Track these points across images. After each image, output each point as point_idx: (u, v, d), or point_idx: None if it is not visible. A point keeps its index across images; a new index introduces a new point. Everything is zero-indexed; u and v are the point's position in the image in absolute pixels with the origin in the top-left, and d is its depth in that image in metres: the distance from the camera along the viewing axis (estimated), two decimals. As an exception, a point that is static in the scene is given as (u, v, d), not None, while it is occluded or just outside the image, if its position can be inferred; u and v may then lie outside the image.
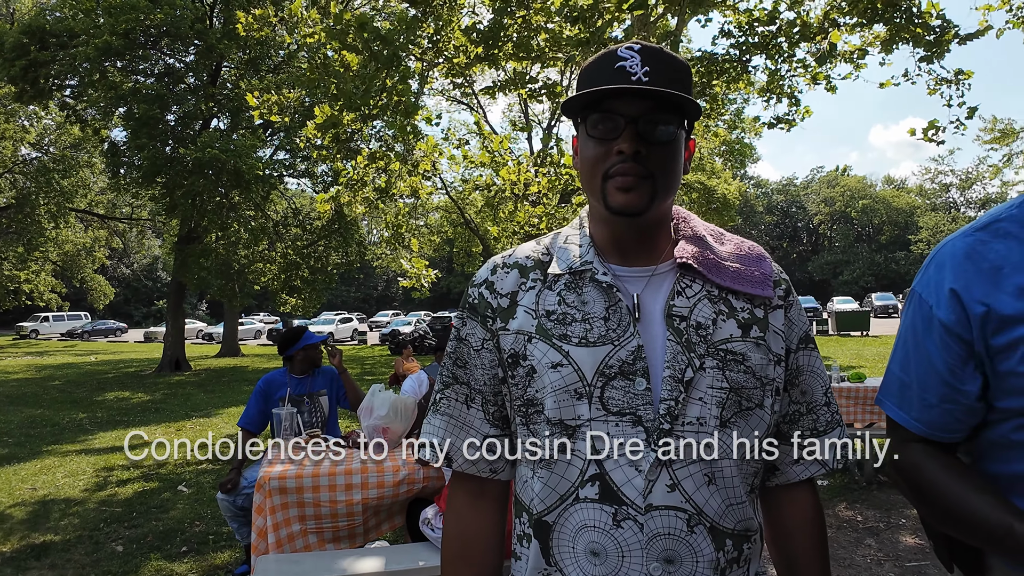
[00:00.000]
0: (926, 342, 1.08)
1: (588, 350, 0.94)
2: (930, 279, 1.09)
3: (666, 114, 0.94)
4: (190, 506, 5.20)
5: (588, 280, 1.00)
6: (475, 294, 1.07)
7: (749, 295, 1.01)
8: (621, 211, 0.95)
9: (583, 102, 0.97)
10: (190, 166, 14.62)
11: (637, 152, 0.93)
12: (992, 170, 19.06)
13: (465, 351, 1.06)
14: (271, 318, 42.91)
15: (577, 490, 0.94)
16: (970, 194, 58.90)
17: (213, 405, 11.09)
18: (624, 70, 0.93)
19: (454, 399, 1.06)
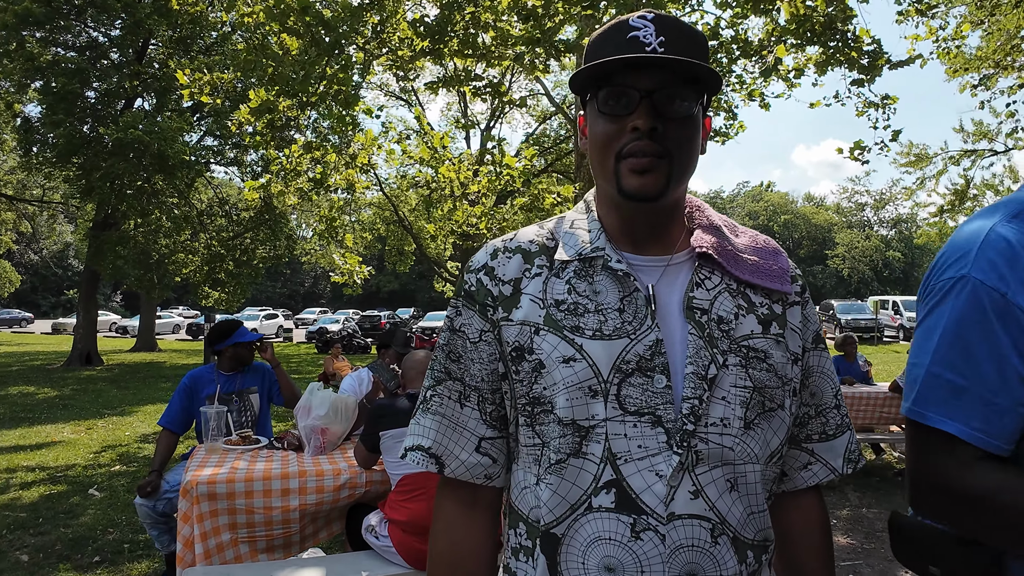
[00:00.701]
0: (997, 333, 0.93)
1: (603, 344, 0.85)
2: (990, 264, 0.95)
3: (684, 87, 0.86)
4: (102, 511, 4.79)
5: (600, 268, 0.91)
6: (472, 280, 0.96)
7: (767, 290, 0.95)
8: (635, 195, 0.87)
9: (592, 75, 0.88)
10: (110, 147, 13.73)
11: (653, 128, 0.85)
12: (905, 192, 20.17)
13: (459, 343, 0.95)
14: (191, 312, 41.05)
15: (590, 498, 0.84)
16: (883, 214, 62.40)
17: (128, 402, 10.43)
18: (637, 40, 0.86)
19: (447, 397, 0.95)
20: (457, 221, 11.78)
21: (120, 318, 36.79)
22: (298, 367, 17.00)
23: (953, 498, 0.95)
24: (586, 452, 0.84)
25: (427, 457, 0.94)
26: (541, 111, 25.58)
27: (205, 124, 18.73)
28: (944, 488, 0.96)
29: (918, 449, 1.01)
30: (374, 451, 2.90)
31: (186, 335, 31.55)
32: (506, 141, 14.34)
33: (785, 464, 1.00)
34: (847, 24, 7.74)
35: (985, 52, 10.62)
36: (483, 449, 0.95)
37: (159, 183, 14.97)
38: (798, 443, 1.00)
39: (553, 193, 11.44)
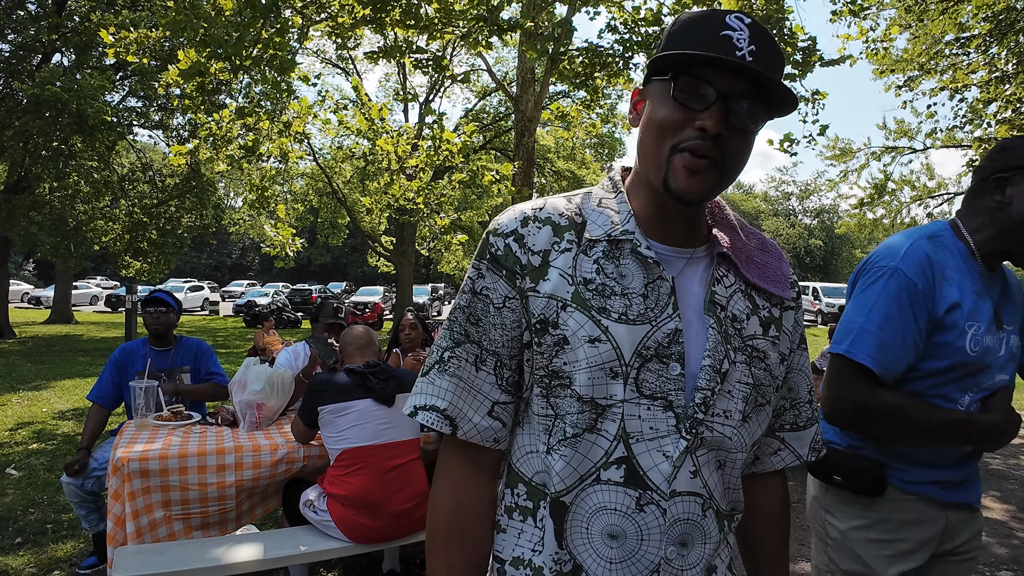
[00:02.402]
0: (908, 310, 1.43)
1: (627, 327, 0.89)
2: (914, 264, 1.44)
3: (758, 102, 0.87)
4: (22, 491, 4.56)
5: (628, 252, 0.93)
6: (500, 245, 0.95)
7: (769, 293, 1.01)
8: (680, 195, 0.88)
9: (677, 60, 0.87)
10: (24, 104, 12.81)
11: (719, 134, 0.86)
12: (829, 184, 21.00)
13: (481, 307, 0.95)
14: (110, 283, 39.15)
15: (599, 471, 0.89)
16: (807, 203, 64.97)
17: (43, 377, 9.90)
18: (730, 41, 0.85)
19: (464, 359, 0.95)
20: (394, 195, 11.61)
21: (33, 288, 34.64)
22: (225, 341, 16.51)
23: (871, 410, 1.45)
24: (600, 429, 0.89)
25: (441, 418, 0.95)
26: (482, 87, 25.38)
27: (129, 84, 17.70)
28: (864, 404, 1.45)
29: (845, 379, 1.47)
30: (312, 426, 2.87)
31: (105, 307, 30.08)
32: (446, 116, 14.20)
33: (758, 449, 1.08)
34: (783, 21, 7.97)
35: (911, 55, 11.15)
36: (495, 413, 0.96)
37: (77, 145, 14.08)
38: (772, 432, 1.08)
39: (492, 170, 11.43)
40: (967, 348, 1.44)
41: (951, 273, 1.45)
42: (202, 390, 3.62)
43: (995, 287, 1.52)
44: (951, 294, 1.43)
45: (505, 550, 0.96)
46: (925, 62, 11.32)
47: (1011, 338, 1.52)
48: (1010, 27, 9.98)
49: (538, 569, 0.93)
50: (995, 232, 1.48)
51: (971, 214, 1.54)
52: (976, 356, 1.44)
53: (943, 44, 11.16)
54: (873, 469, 1.51)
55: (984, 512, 4.69)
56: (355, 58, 24.07)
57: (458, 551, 0.96)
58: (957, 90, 11.63)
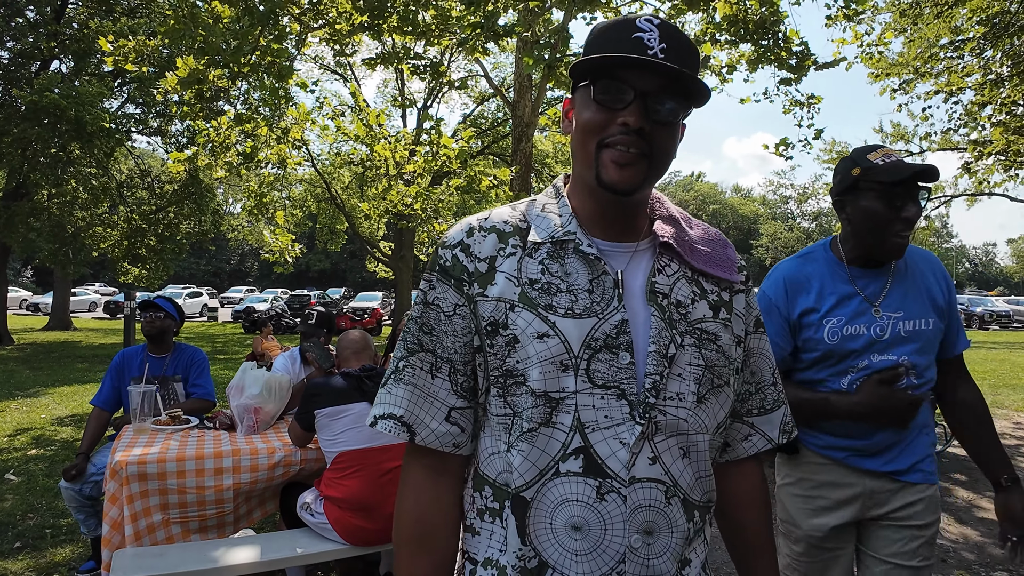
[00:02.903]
0: (767, 316, 1.81)
1: (574, 321, 0.93)
2: (770, 283, 1.86)
3: (676, 95, 0.93)
4: (21, 497, 4.59)
5: (571, 251, 0.98)
6: (448, 256, 1.00)
7: (717, 278, 1.05)
8: (613, 187, 0.94)
9: (593, 65, 0.93)
10: (23, 111, 12.85)
11: (641, 128, 0.92)
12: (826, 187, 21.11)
13: (433, 316, 1.00)
14: (109, 289, 39.15)
15: (558, 464, 0.92)
16: (805, 207, 65.09)
17: (41, 384, 9.91)
18: (642, 42, 0.92)
19: (418, 368, 0.99)
20: (392, 201, 11.64)
21: (31, 295, 34.71)
22: (224, 347, 16.53)
23: None
24: (556, 422, 0.92)
25: (399, 425, 0.98)
26: (479, 92, 25.47)
27: (127, 90, 17.77)
28: None
29: None
30: (309, 429, 2.90)
31: (103, 313, 30.10)
32: (443, 121, 14.23)
33: (728, 436, 1.11)
34: (778, 25, 8.02)
35: (906, 58, 11.22)
36: (452, 419, 0.99)
37: (75, 151, 14.12)
38: (740, 417, 1.11)
39: (490, 175, 11.46)
40: (825, 338, 1.74)
41: (812, 283, 1.80)
42: (185, 407, 3.54)
43: (875, 283, 1.78)
44: (805, 301, 1.79)
45: (480, 552, 0.99)
46: (920, 66, 11.37)
47: (902, 323, 1.74)
48: (1004, 30, 10.04)
49: (502, 568, 0.95)
50: (854, 242, 1.79)
51: (843, 230, 1.85)
52: (836, 344, 1.74)
53: (938, 48, 11.22)
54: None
55: (978, 512, 4.73)
56: (353, 64, 24.15)
57: (423, 557, 0.99)
58: (952, 93, 11.68)
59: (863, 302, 1.76)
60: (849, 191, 1.74)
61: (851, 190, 1.73)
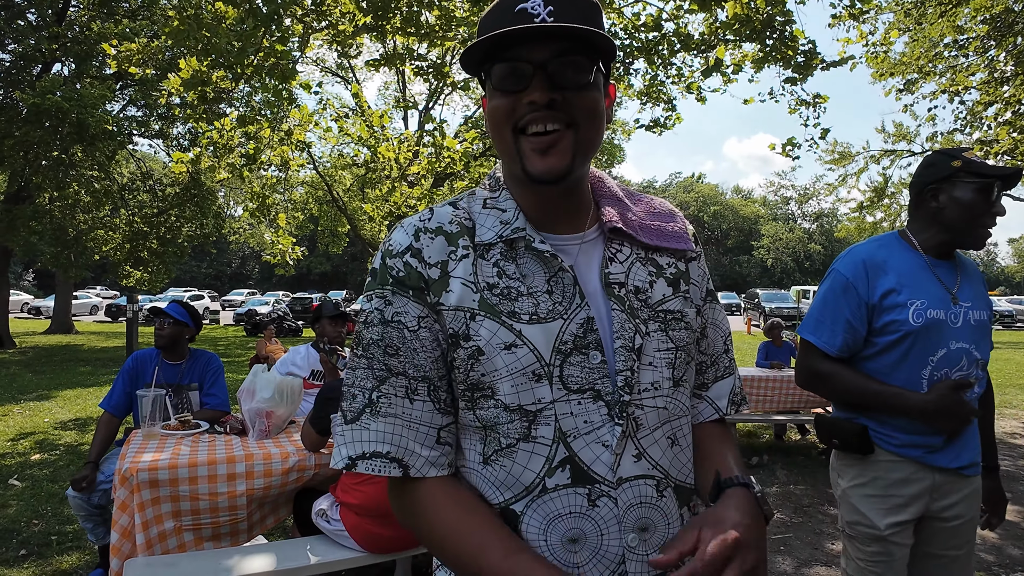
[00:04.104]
0: (843, 297, 1.84)
1: (540, 327, 0.87)
2: (848, 264, 1.87)
3: (579, 56, 0.85)
4: (26, 503, 4.52)
5: (524, 249, 0.91)
6: (399, 265, 0.90)
7: (672, 250, 1.00)
8: (542, 178, 0.87)
9: (484, 52, 0.86)
10: (25, 114, 12.80)
11: (552, 100, 0.84)
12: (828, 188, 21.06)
13: (396, 335, 0.89)
14: (111, 292, 39.09)
15: (544, 480, 0.86)
16: (806, 207, 65.07)
17: (44, 387, 9.85)
18: (525, 12, 0.84)
19: (393, 396, 0.88)
20: (395, 202, 11.60)
21: (33, 298, 34.63)
22: (226, 350, 16.47)
23: (814, 375, 1.91)
24: (536, 436, 0.86)
25: (387, 462, 0.87)
26: (481, 94, 25.44)
27: (129, 93, 17.73)
28: (810, 370, 1.93)
29: (802, 352, 1.96)
30: (324, 434, 2.84)
31: (105, 316, 30.04)
32: (446, 123, 14.19)
33: None
34: (786, 24, 7.98)
35: (909, 58, 11.18)
36: (443, 439, 0.91)
37: (77, 154, 14.07)
38: (696, 393, 1.06)
39: (494, 178, 11.41)
40: (910, 319, 1.77)
41: (891, 265, 1.83)
42: (199, 418, 3.44)
43: (949, 272, 1.86)
44: (886, 283, 1.81)
45: None
46: (924, 65, 11.34)
47: (971, 312, 1.83)
48: (1008, 29, 10.00)
49: None
50: (936, 230, 1.86)
51: (914, 220, 1.93)
52: (920, 325, 1.76)
53: (942, 47, 11.18)
54: (857, 431, 1.84)
55: (998, 515, 4.68)
56: (355, 67, 24.11)
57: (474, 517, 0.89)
58: (957, 93, 11.64)
59: (942, 288, 1.82)
60: (945, 180, 1.82)
61: (948, 180, 1.81)
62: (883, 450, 1.83)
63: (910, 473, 1.81)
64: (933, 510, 1.84)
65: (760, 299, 29.73)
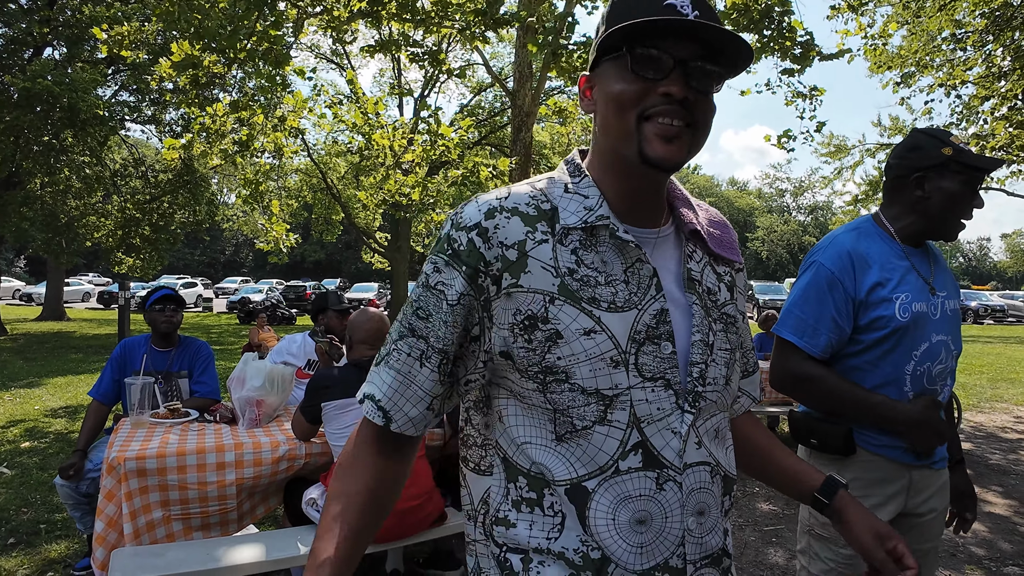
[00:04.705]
0: (829, 293, 1.71)
1: (618, 315, 0.89)
2: (832, 256, 1.73)
3: (713, 63, 0.88)
4: (15, 491, 4.48)
5: (606, 237, 0.92)
6: (462, 240, 0.90)
7: (727, 260, 1.05)
8: (659, 162, 0.87)
9: (626, 33, 0.86)
10: (15, 98, 12.65)
11: (685, 98, 0.86)
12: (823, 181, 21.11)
13: (432, 302, 0.91)
14: (103, 279, 38.87)
15: (617, 462, 0.89)
16: (801, 200, 65.19)
17: (35, 374, 9.79)
18: (675, 8, 0.85)
19: (406, 354, 0.93)
20: (389, 190, 11.52)
21: (24, 285, 34.44)
22: (219, 338, 16.41)
23: (795, 378, 1.75)
24: (611, 419, 0.88)
25: (376, 410, 0.93)
26: (477, 82, 25.30)
27: (121, 78, 17.56)
28: (790, 373, 1.76)
29: (778, 352, 1.79)
30: (315, 422, 2.81)
31: (97, 303, 29.89)
32: (441, 111, 14.10)
33: None
34: (785, 15, 7.93)
35: (907, 51, 11.15)
36: (433, 407, 0.95)
37: (69, 139, 13.94)
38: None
39: (488, 166, 11.35)
40: (897, 315, 1.68)
41: (873, 257, 1.72)
42: (188, 406, 3.40)
43: (923, 261, 1.78)
44: (872, 276, 1.70)
45: (521, 542, 0.93)
46: (922, 58, 11.31)
47: (947, 302, 1.76)
48: (1007, 23, 9.97)
49: (559, 554, 0.90)
50: (915, 219, 1.76)
51: (890, 205, 1.81)
52: (908, 320, 1.68)
53: (940, 40, 11.15)
54: (840, 432, 1.73)
55: (987, 507, 4.69)
56: (350, 53, 23.93)
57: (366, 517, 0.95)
58: (953, 87, 11.62)
59: (920, 279, 1.74)
60: (934, 168, 1.70)
61: (935, 168, 1.70)
62: (863, 450, 1.75)
63: (888, 472, 1.75)
64: (908, 507, 1.78)
65: (754, 291, 29.80)
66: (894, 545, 0.99)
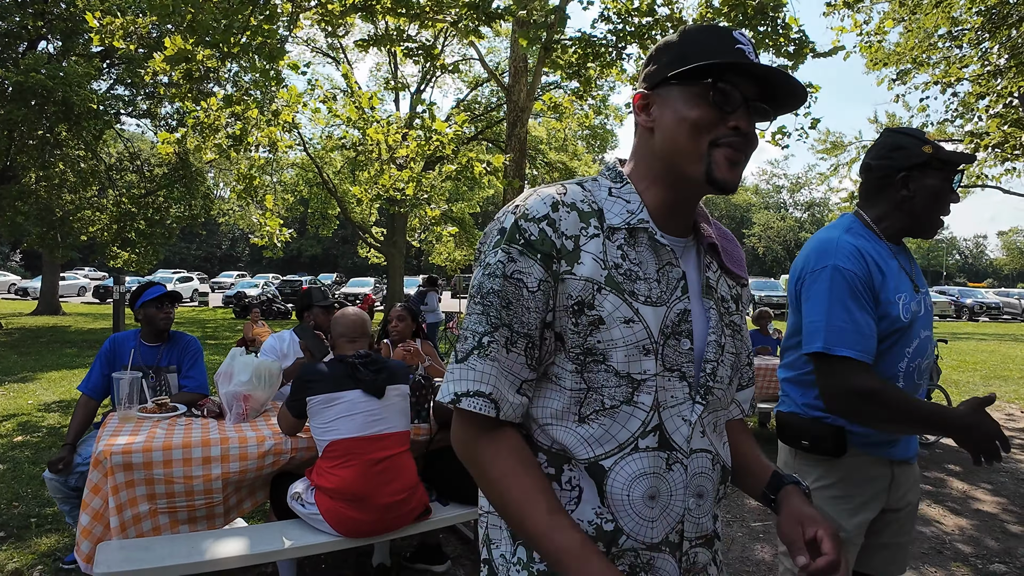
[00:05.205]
0: (862, 296, 1.65)
1: (652, 309, 1.00)
2: (848, 257, 1.67)
3: (767, 102, 1.02)
4: (6, 485, 4.48)
5: (645, 240, 1.03)
6: (534, 230, 0.99)
7: (736, 275, 1.16)
8: (724, 185, 1.00)
9: (708, 68, 0.98)
10: (9, 92, 12.60)
11: (749, 132, 1.00)
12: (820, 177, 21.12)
13: (513, 290, 0.98)
14: (98, 274, 38.80)
15: (637, 440, 0.99)
16: (798, 197, 65.20)
17: (29, 369, 9.78)
18: (744, 53, 0.99)
19: (499, 343, 0.99)
20: (384, 185, 11.50)
21: (20, 279, 34.35)
22: (215, 332, 16.40)
23: (860, 396, 1.60)
24: (637, 401, 0.99)
25: (488, 402, 0.98)
26: (473, 77, 25.24)
27: (116, 72, 17.50)
28: (854, 392, 1.60)
29: (831, 372, 1.64)
30: (300, 417, 2.82)
31: (93, 298, 29.84)
32: (436, 106, 14.06)
33: None
34: (778, 11, 7.92)
35: (904, 48, 11.14)
36: (523, 391, 1.01)
37: (63, 133, 13.89)
38: None
39: (483, 162, 11.33)
40: (901, 316, 1.69)
41: (876, 256, 1.71)
42: (177, 401, 3.40)
43: (906, 259, 1.82)
44: (879, 276, 1.70)
45: None
46: (918, 56, 11.31)
47: (926, 298, 1.80)
48: (1003, 21, 9.97)
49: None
50: (899, 218, 1.77)
51: (872, 205, 1.82)
52: (908, 321, 1.70)
53: (936, 38, 11.15)
54: (833, 433, 1.73)
55: (975, 505, 4.72)
56: (345, 48, 23.85)
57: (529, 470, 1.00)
58: (949, 84, 11.63)
59: (908, 278, 1.77)
60: (917, 168, 1.73)
61: (920, 167, 1.73)
62: (852, 448, 1.75)
63: (874, 469, 1.76)
64: (890, 502, 1.80)
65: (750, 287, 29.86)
66: (815, 532, 1.02)
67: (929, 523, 4.34)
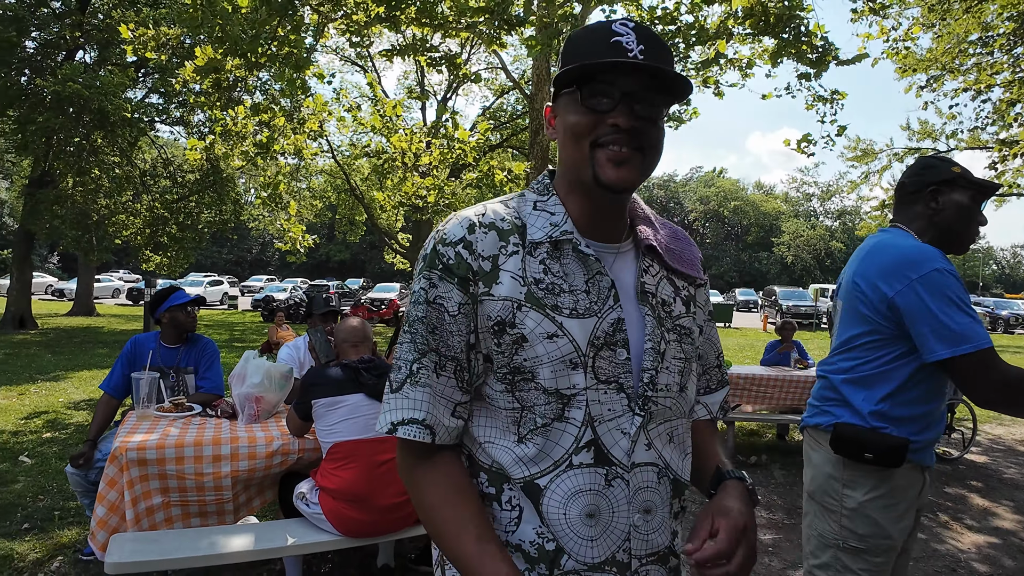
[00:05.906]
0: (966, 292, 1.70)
1: (578, 321, 0.98)
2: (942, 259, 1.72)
3: (658, 93, 0.97)
4: (33, 479, 4.66)
5: (570, 251, 1.01)
6: (450, 254, 1.00)
7: (686, 275, 1.13)
8: (611, 186, 0.97)
9: (577, 72, 0.96)
10: (48, 100, 13.03)
11: (632, 127, 0.96)
12: (850, 185, 20.75)
13: (436, 315, 1.00)
14: (132, 276, 39.72)
15: (571, 456, 0.97)
16: (829, 205, 64.22)
17: (62, 368, 10.08)
18: (620, 45, 0.94)
19: (428, 368, 1.00)
20: (407, 192, 11.64)
21: (57, 280, 35.34)
22: (242, 335, 16.69)
23: (1007, 383, 1.62)
24: (568, 417, 0.97)
25: (423, 429, 0.98)
26: (499, 85, 25.38)
27: (150, 81, 17.97)
28: (1003, 381, 1.63)
29: (984, 367, 1.63)
30: (306, 419, 2.91)
31: (126, 300, 30.56)
32: (460, 114, 14.20)
33: None
34: (799, 19, 7.86)
35: (934, 54, 10.96)
36: (457, 413, 1.02)
37: (99, 140, 14.30)
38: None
39: (504, 170, 11.41)
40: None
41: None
42: (193, 401, 3.52)
43: None
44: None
45: None
46: (948, 62, 11.13)
47: None
48: (1035, 27, 9.77)
49: (516, 547, 0.99)
50: (932, 231, 1.89)
51: (908, 219, 1.93)
52: None
53: (967, 44, 10.96)
54: (900, 445, 1.75)
55: (995, 522, 4.63)
56: (373, 56, 24.17)
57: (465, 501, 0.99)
58: (980, 91, 11.42)
59: None
60: (946, 183, 1.87)
61: (948, 183, 1.87)
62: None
63: (912, 478, 1.83)
64: (919, 505, 1.90)
65: (777, 296, 29.45)
66: (720, 523, 0.98)
67: (944, 540, 4.26)
